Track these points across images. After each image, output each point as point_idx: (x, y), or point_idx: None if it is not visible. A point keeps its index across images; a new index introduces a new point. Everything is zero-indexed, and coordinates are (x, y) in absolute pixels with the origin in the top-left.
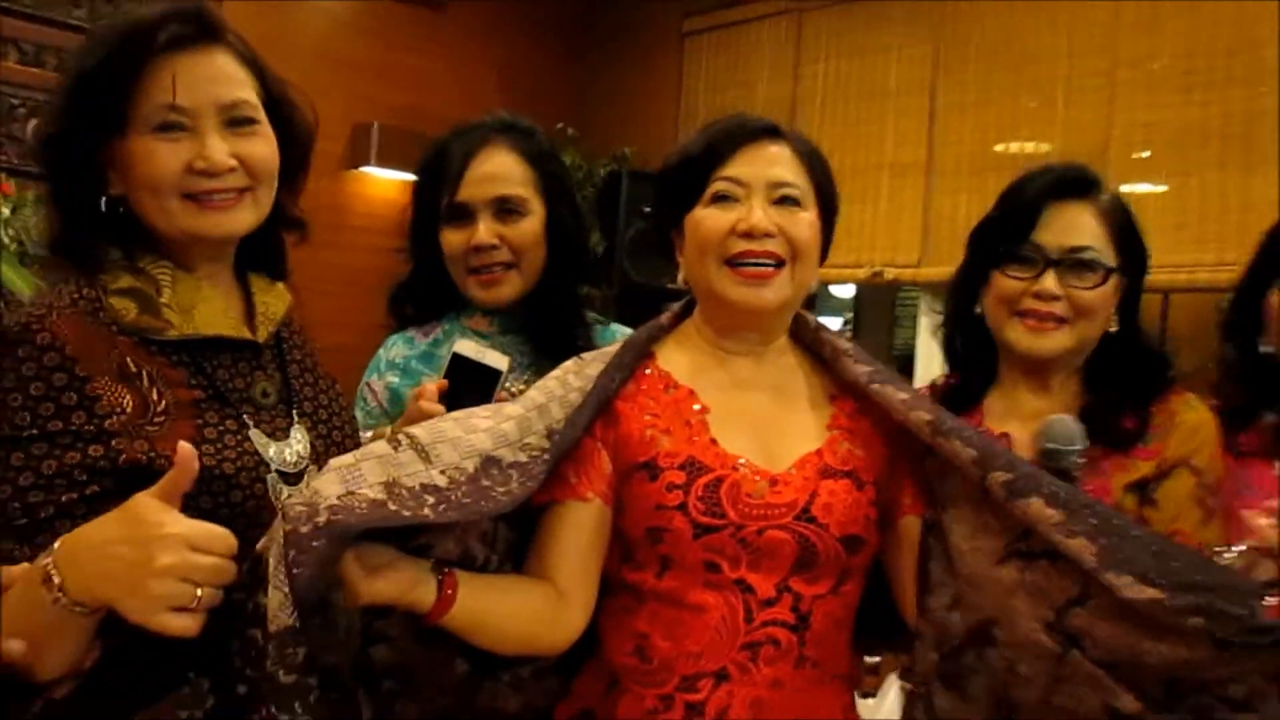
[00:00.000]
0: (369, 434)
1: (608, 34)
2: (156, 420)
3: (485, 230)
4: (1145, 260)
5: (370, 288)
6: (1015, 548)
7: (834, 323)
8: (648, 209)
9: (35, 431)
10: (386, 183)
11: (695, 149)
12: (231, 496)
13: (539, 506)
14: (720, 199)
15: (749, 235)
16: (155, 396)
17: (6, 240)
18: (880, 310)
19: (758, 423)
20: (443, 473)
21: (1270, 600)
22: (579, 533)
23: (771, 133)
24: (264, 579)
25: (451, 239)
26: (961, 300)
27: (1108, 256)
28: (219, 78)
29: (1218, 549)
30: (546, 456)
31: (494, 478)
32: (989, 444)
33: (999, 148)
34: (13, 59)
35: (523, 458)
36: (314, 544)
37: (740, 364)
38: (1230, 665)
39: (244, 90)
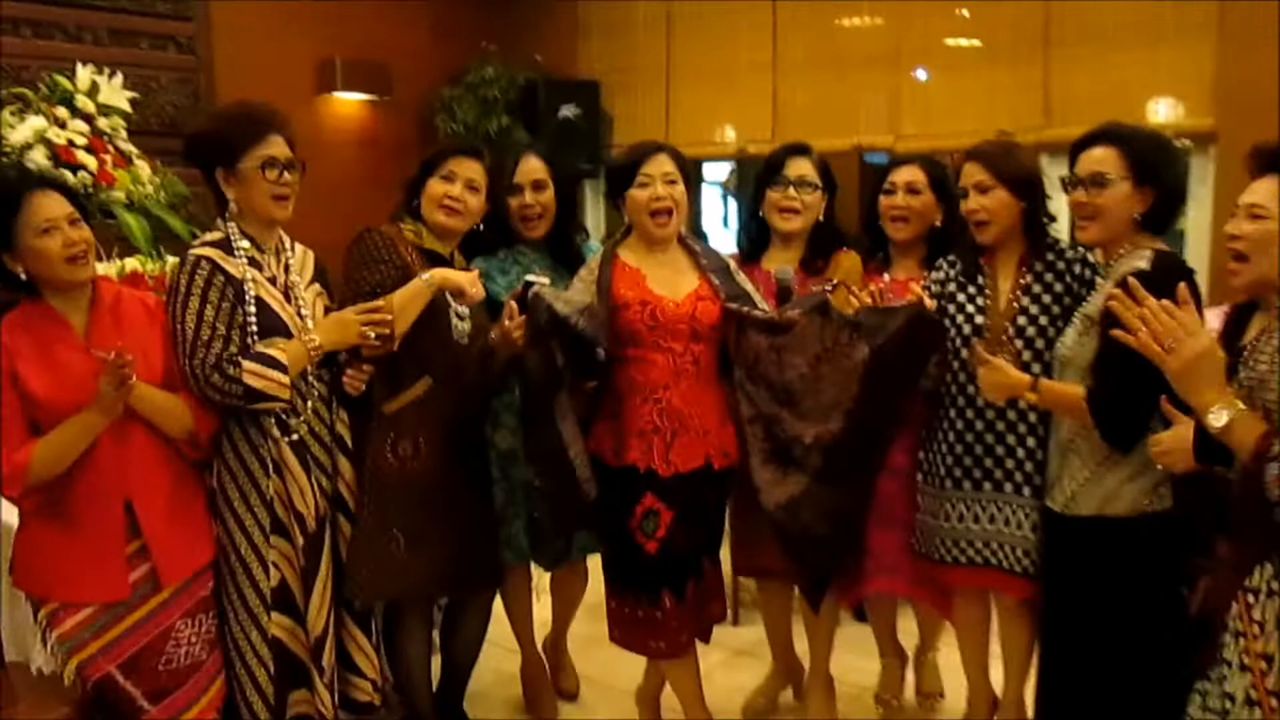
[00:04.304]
0: None
1: None
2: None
3: (529, 196)
4: (835, 186)
5: (344, 190)
6: (761, 320)
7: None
8: (561, 109)
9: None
10: (350, 103)
11: (626, 160)
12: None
13: None
14: (641, 185)
15: (656, 199)
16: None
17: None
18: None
19: (668, 279)
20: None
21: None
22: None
23: (659, 149)
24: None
25: (512, 203)
26: (753, 207)
27: (818, 180)
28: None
29: (823, 288)
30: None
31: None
32: (733, 289)
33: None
34: None
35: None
36: (542, 307)
37: (658, 255)
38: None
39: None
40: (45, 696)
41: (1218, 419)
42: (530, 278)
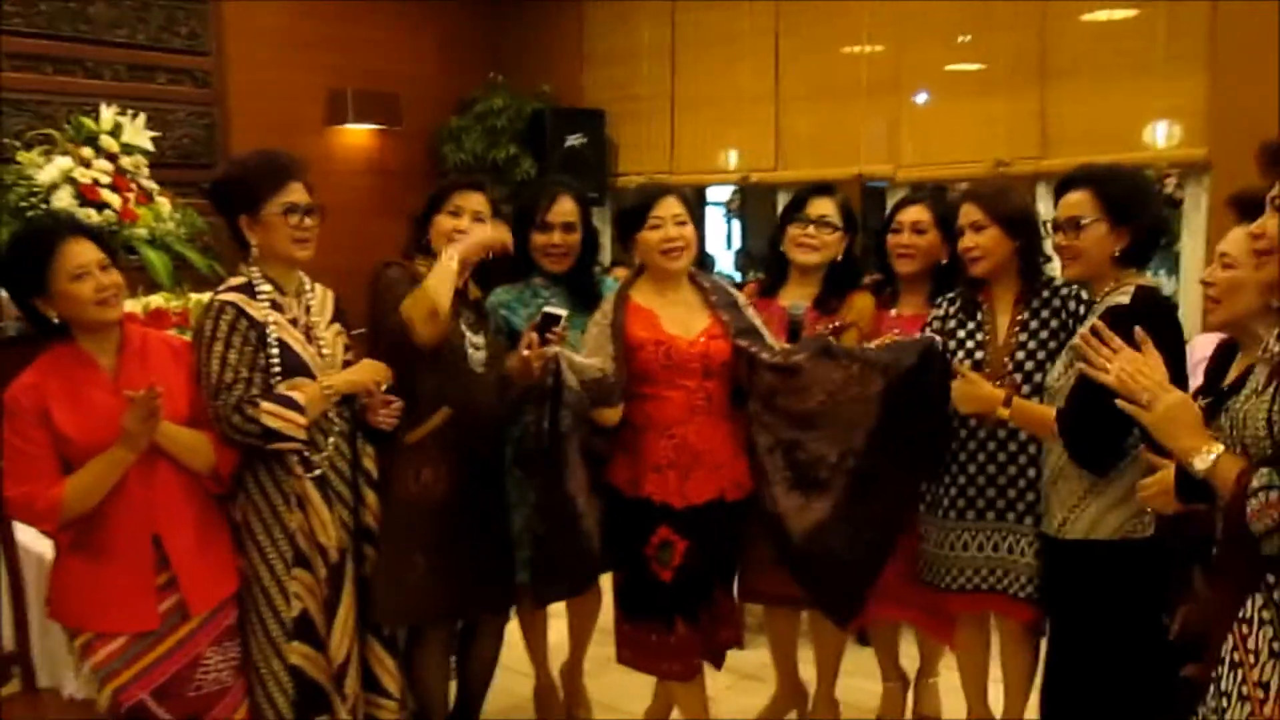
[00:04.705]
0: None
1: None
2: None
3: (558, 236)
4: (857, 228)
5: (354, 218)
6: (767, 363)
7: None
8: (567, 138)
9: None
10: (360, 133)
11: (637, 204)
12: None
13: None
14: (653, 227)
15: (668, 240)
16: None
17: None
18: (757, 201)
19: (680, 318)
20: (580, 376)
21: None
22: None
23: (667, 192)
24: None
25: (539, 238)
26: (774, 242)
27: (839, 221)
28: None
29: (830, 326)
30: (614, 366)
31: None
32: (741, 324)
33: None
34: None
35: (606, 370)
36: (553, 367)
37: (669, 295)
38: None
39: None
40: None
41: (1203, 462)
42: (549, 309)
